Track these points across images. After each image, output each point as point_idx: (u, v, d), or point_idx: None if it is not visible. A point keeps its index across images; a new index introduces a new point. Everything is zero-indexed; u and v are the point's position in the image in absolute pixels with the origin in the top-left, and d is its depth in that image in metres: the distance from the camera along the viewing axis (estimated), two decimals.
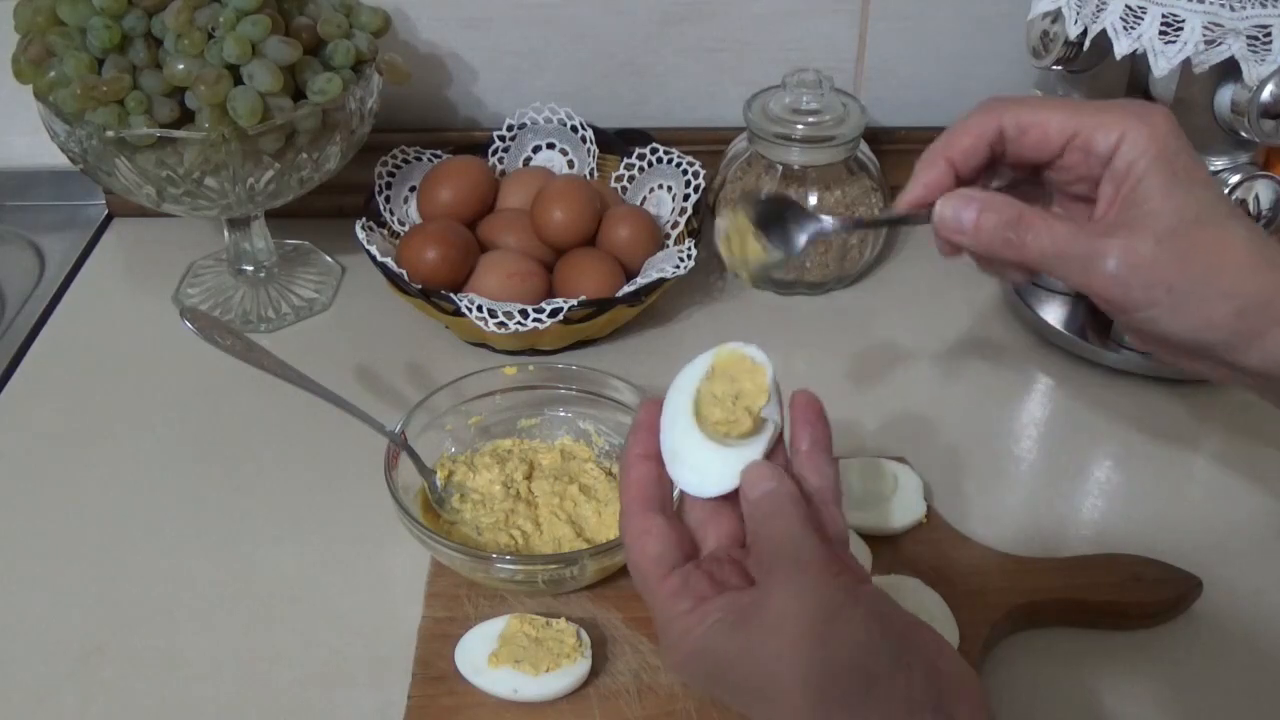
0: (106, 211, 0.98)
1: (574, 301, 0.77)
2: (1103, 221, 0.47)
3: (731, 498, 0.48)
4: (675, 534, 0.47)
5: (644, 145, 0.91)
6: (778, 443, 0.49)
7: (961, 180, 0.50)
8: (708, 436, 0.48)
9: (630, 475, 0.48)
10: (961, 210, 0.48)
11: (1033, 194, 0.52)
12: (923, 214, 0.50)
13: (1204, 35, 0.66)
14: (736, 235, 0.52)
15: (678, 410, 0.49)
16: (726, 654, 0.43)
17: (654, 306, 0.83)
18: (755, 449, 0.48)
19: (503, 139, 0.93)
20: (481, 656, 0.58)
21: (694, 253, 0.81)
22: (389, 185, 0.89)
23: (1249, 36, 0.66)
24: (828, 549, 0.44)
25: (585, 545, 0.64)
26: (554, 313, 0.76)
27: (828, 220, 0.52)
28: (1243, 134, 0.71)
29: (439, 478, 0.68)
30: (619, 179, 0.92)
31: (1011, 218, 0.47)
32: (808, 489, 0.48)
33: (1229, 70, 0.68)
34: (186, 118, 0.74)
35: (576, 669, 0.57)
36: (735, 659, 0.43)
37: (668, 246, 0.86)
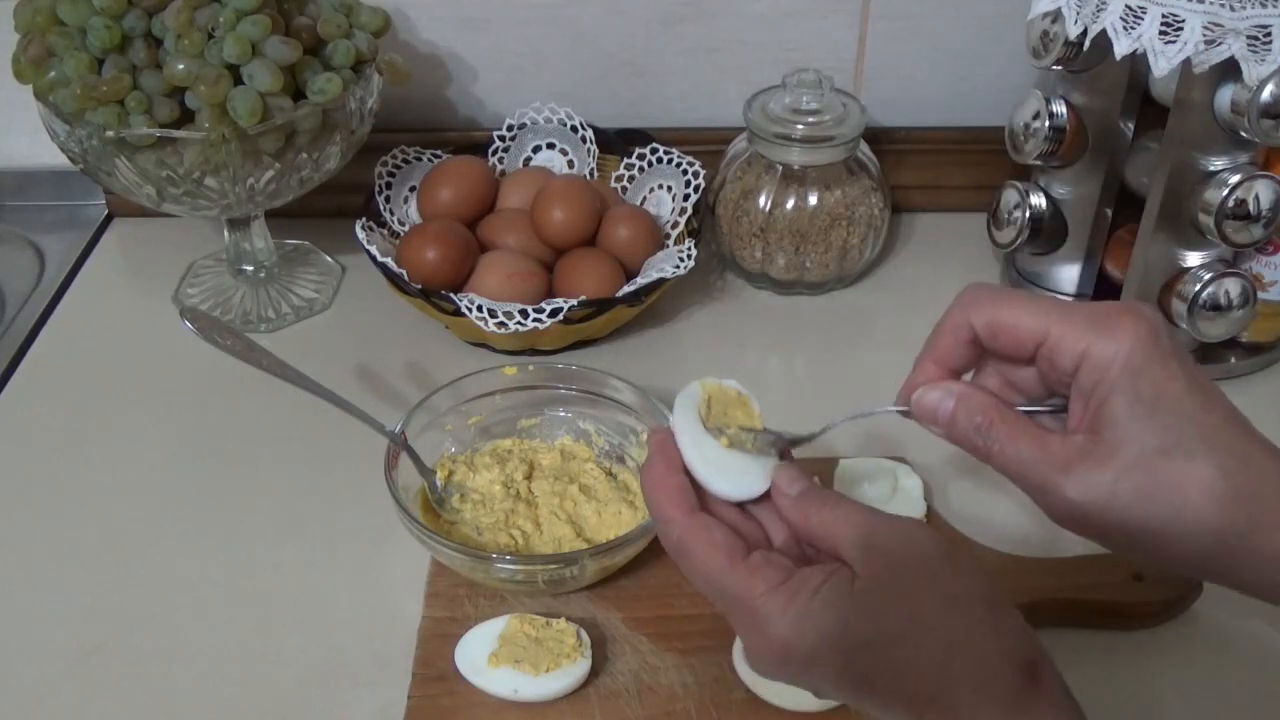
0: (106, 211, 0.98)
1: (574, 301, 0.77)
2: (1068, 444, 0.45)
3: (754, 503, 0.49)
4: (731, 533, 0.46)
5: (644, 145, 0.91)
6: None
7: (957, 372, 0.50)
8: (731, 448, 0.49)
9: (664, 488, 0.48)
10: (939, 403, 0.48)
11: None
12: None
13: (1204, 35, 0.66)
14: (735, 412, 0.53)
15: (691, 429, 0.50)
16: (843, 612, 0.42)
17: (654, 306, 0.83)
18: (773, 456, 0.50)
19: (503, 139, 0.93)
20: (481, 656, 0.58)
21: (694, 253, 0.81)
22: (389, 185, 0.89)
23: (1249, 36, 0.66)
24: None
25: (585, 545, 0.64)
26: (554, 313, 0.76)
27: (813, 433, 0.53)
28: (1243, 134, 0.71)
29: (439, 478, 0.68)
30: (619, 179, 0.92)
31: (983, 423, 0.46)
32: None
33: (1229, 70, 0.68)
34: (186, 118, 0.74)
35: (576, 669, 0.57)
36: (855, 620, 0.41)
37: (668, 246, 0.86)
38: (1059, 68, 0.76)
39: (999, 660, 0.40)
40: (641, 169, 0.91)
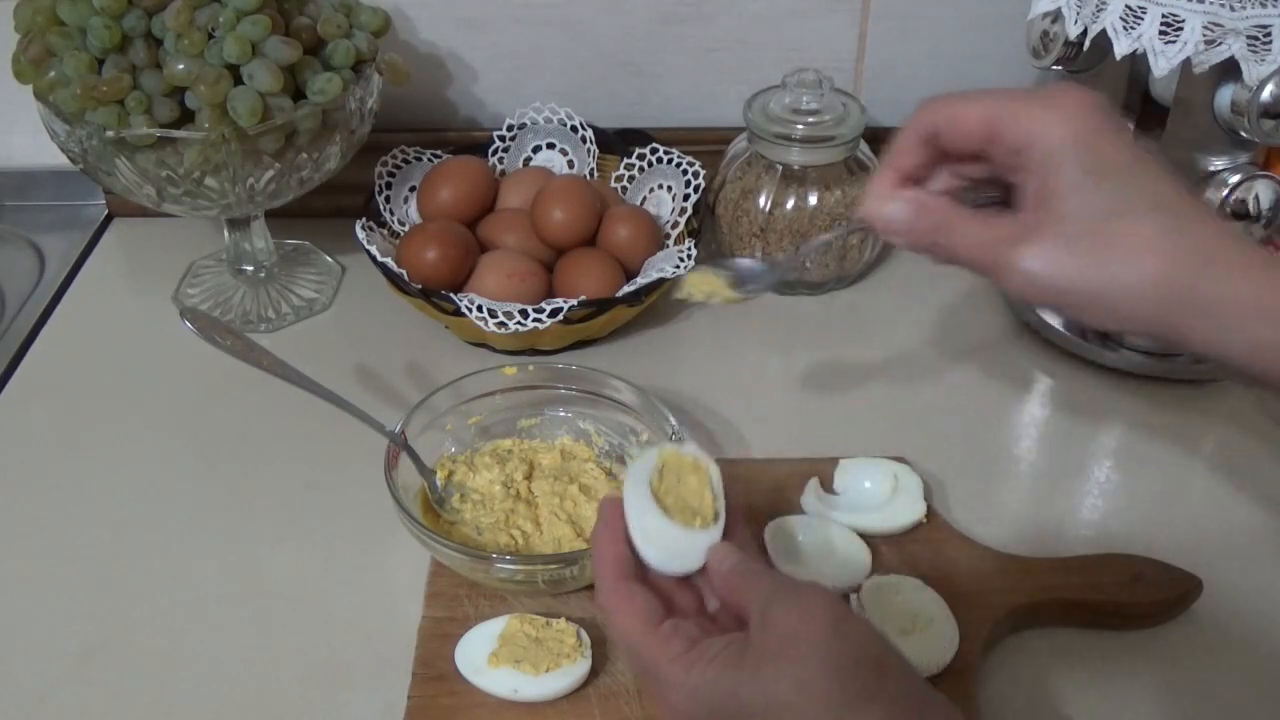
0: (106, 211, 0.98)
1: (574, 301, 0.77)
2: (1018, 221, 0.47)
3: (691, 575, 0.50)
4: (656, 599, 0.48)
5: (644, 145, 0.91)
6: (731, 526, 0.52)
7: (916, 181, 0.51)
8: (672, 522, 0.50)
9: (603, 557, 0.50)
10: (895, 211, 0.50)
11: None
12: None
13: (1204, 35, 0.66)
14: (707, 285, 0.56)
15: (640, 498, 0.51)
16: (734, 682, 0.43)
17: (654, 306, 0.83)
18: (714, 532, 0.51)
19: (503, 139, 0.93)
20: (481, 656, 0.58)
21: (694, 253, 0.81)
22: (389, 185, 0.89)
23: (1249, 36, 0.66)
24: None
25: (585, 545, 0.64)
26: (554, 313, 0.76)
27: (780, 260, 0.55)
28: (1243, 134, 0.71)
29: (439, 478, 0.68)
30: (619, 179, 0.92)
31: (935, 223, 0.48)
32: None
33: (1229, 70, 0.68)
34: (186, 118, 0.74)
35: (576, 669, 0.57)
36: (744, 686, 0.43)
37: (668, 246, 0.86)
38: (1059, 68, 0.76)
39: None
40: (641, 169, 0.91)
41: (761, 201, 0.85)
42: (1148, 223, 0.45)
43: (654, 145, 0.90)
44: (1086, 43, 0.72)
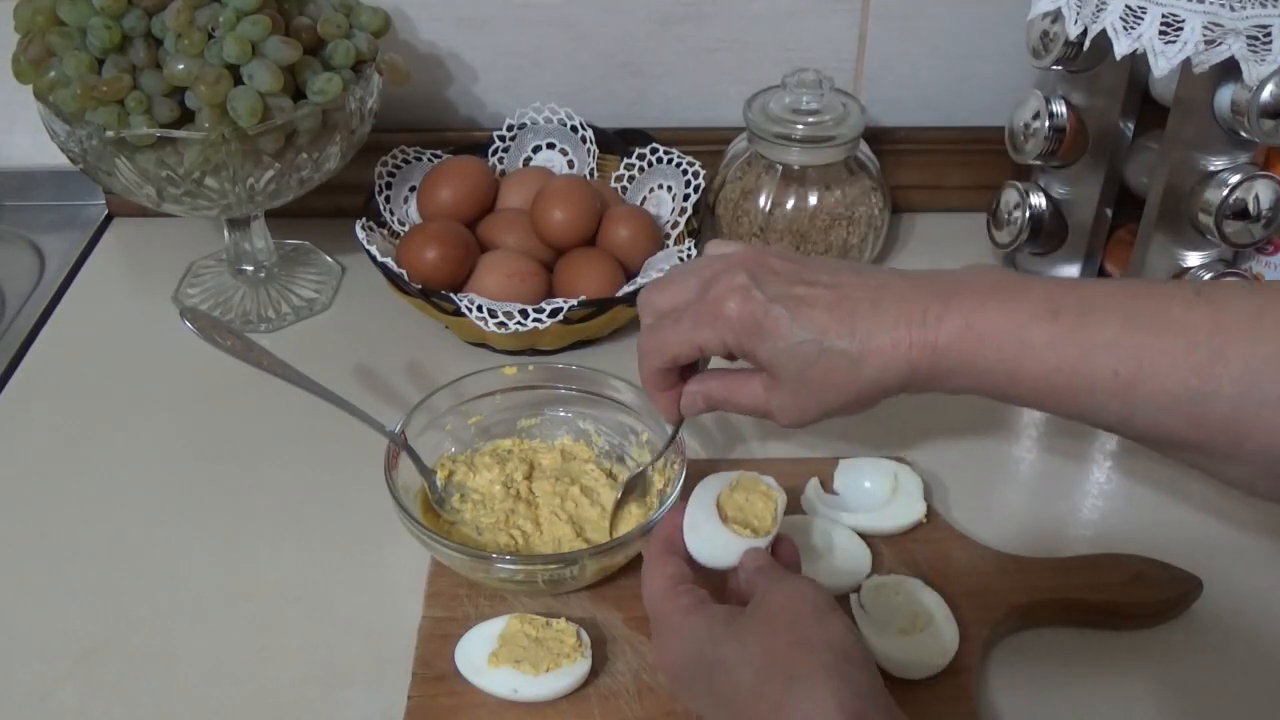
0: (106, 211, 0.98)
1: (574, 301, 0.77)
2: (761, 383, 0.57)
3: (727, 576, 0.57)
4: (689, 572, 0.55)
5: (644, 145, 0.91)
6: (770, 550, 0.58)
7: (681, 377, 0.61)
8: (720, 524, 0.57)
9: (657, 535, 0.58)
10: (695, 400, 0.61)
11: None
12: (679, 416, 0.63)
13: (1204, 35, 0.66)
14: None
15: (704, 500, 0.58)
16: (719, 636, 0.49)
17: None
18: (757, 543, 0.56)
19: (503, 139, 0.93)
20: (481, 656, 0.58)
21: (694, 253, 0.81)
22: (389, 185, 0.89)
23: (1249, 36, 0.66)
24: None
25: (585, 545, 0.64)
26: (554, 313, 0.76)
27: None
28: (1243, 134, 0.71)
29: (439, 478, 0.68)
30: (619, 179, 0.92)
31: (724, 392, 0.60)
32: None
33: (1229, 70, 0.68)
34: (186, 118, 0.74)
35: (576, 669, 0.57)
36: (724, 640, 0.49)
37: (668, 246, 0.86)
38: (1059, 68, 0.76)
39: (830, 702, 0.44)
40: (641, 169, 0.91)
41: (761, 201, 0.86)
42: (837, 354, 0.53)
43: (654, 145, 0.90)
44: (1086, 43, 0.72)
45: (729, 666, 0.48)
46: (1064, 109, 0.78)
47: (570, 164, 0.93)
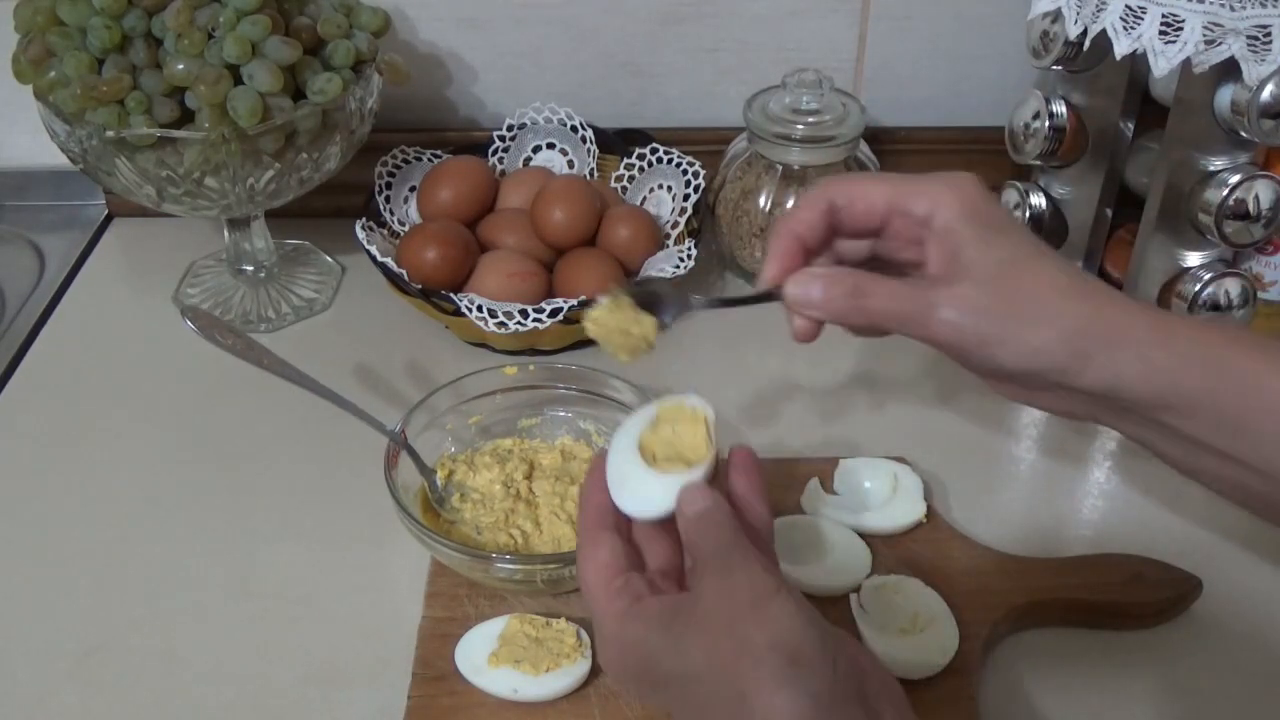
0: (106, 211, 0.98)
1: (574, 301, 0.77)
2: (931, 276, 0.51)
3: (673, 522, 0.50)
4: (624, 547, 0.50)
5: (644, 145, 0.91)
6: (713, 475, 0.51)
7: (810, 252, 0.54)
8: (649, 467, 0.51)
9: (584, 507, 0.52)
10: (808, 287, 0.52)
11: (878, 270, 0.56)
12: (779, 291, 0.53)
13: (1204, 35, 0.66)
14: (622, 316, 0.55)
15: (623, 446, 0.52)
16: (661, 644, 0.45)
17: None
18: (690, 475, 0.50)
19: (503, 139, 0.93)
20: (481, 656, 0.58)
21: (694, 253, 0.81)
22: (389, 185, 0.89)
23: (1249, 36, 0.66)
24: (758, 554, 0.46)
25: None
26: (554, 313, 0.76)
27: (695, 299, 0.56)
28: (1243, 134, 0.71)
29: (439, 477, 0.68)
30: (619, 179, 0.92)
31: (851, 286, 0.51)
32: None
33: (1229, 70, 0.68)
34: (186, 118, 0.74)
35: (576, 669, 0.57)
36: (668, 650, 0.44)
37: (668, 246, 0.86)
38: (1059, 68, 0.76)
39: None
40: (641, 169, 0.91)
41: (761, 201, 0.85)
42: (1046, 266, 0.50)
43: (654, 145, 0.90)
44: (1086, 43, 0.72)
45: (676, 683, 0.45)
46: (1064, 109, 0.78)
47: (570, 164, 0.93)
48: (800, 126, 0.84)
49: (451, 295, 0.77)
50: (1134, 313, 0.49)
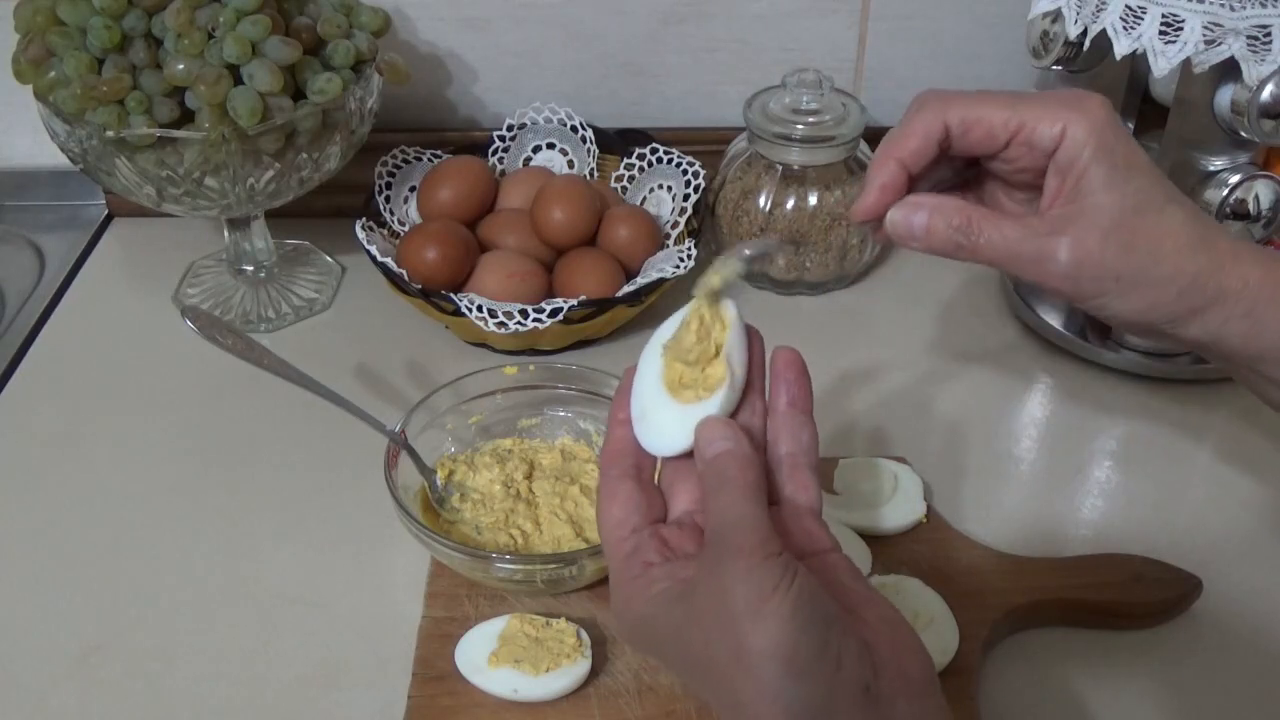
0: (106, 211, 0.98)
1: (574, 301, 0.77)
2: (1050, 217, 0.49)
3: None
4: (642, 498, 0.47)
5: (644, 145, 0.91)
6: (744, 401, 0.47)
7: (913, 178, 0.51)
8: (672, 396, 0.47)
9: (607, 441, 0.49)
10: (913, 217, 0.50)
11: (975, 182, 0.54)
12: (874, 221, 0.50)
13: (1204, 35, 0.66)
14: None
15: (646, 371, 0.48)
16: (665, 627, 0.43)
17: (654, 306, 0.83)
18: (715, 405, 0.46)
19: (503, 139, 0.93)
20: (481, 656, 0.58)
21: (694, 253, 0.81)
22: (389, 185, 0.89)
23: (1249, 36, 0.66)
24: (768, 529, 0.42)
25: (584, 545, 0.64)
26: (554, 313, 0.76)
27: (773, 239, 0.53)
28: (1243, 134, 0.71)
29: (439, 477, 0.68)
30: (619, 179, 0.92)
31: (962, 222, 0.49)
32: (778, 454, 0.48)
33: (1229, 70, 0.68)
34: (186, 118, 0.74)
35: (576, 669, 0.57)
36: (671, 634, 0.43)
37: (668, 246, 0.86)
38: (1059, 68, 0.76)
39: None
40: (641, 169, 0.91)
41: (761, 201, 0.85)
42: (1171, 216, 0.48)
43: (654, 145, 0.90)
44: (1086, 43, 0.72)
45: (679, 665, 0.44)
46: None
47: (570, 164, 0.93)
48: (800, 126, 0.84)
49: (451, 295, 0.77)
50: (1252, 264, 0.48)
